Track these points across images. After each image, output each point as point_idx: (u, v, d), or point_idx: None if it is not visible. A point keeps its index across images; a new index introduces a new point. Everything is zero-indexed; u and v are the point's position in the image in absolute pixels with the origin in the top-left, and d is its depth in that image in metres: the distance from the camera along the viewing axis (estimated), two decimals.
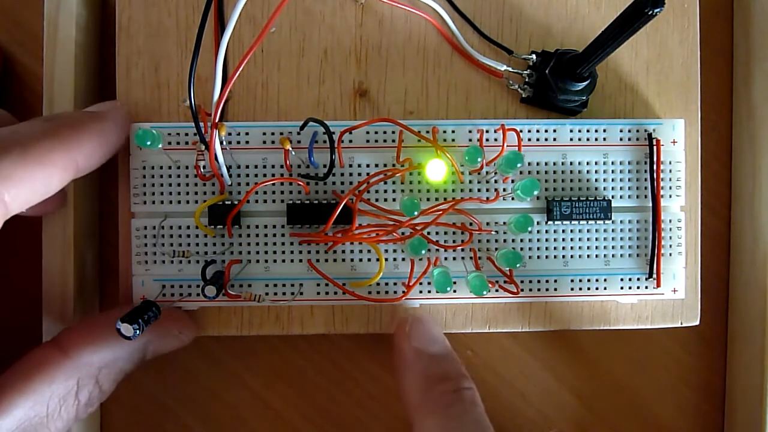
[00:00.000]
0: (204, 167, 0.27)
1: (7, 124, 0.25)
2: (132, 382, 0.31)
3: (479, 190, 0.28)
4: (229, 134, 0.28)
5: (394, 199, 0.28)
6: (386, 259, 0.28)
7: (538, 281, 0.28)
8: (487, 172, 0.28)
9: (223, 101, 0.25)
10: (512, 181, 0.28)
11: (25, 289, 0.30)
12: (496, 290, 0.28)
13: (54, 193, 0.23)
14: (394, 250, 0.28)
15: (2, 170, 0.21)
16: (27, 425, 0.23)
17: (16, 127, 0.23)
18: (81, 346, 0.25)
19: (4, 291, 0.31)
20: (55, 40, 0.28)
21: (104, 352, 0.25)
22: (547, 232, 0.28)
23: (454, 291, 0.28)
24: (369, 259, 0.28)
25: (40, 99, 0.28)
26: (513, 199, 0.28)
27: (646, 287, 0.29)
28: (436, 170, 0.27)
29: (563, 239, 0.28)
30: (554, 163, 0.28)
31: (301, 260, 0.28)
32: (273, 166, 0.28)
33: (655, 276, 0.28)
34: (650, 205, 0.28)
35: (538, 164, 0.28)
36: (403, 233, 0.28)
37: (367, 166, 0.28)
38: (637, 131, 0.28)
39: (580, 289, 0.29)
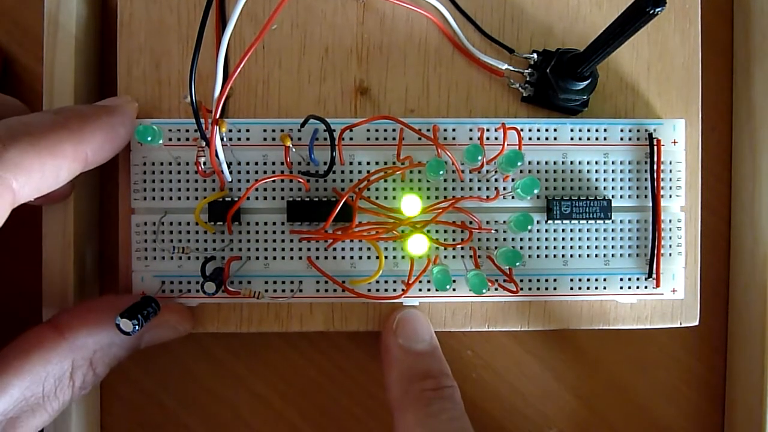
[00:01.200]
0: (204, 164, 0.27)
1: (19, 113, 0.25)
2: (132, 381, 0.31)
3: (479, 189, 0.28)
4: (230, 131, 0.28)
5: (394, 197, 0.28)
6: (386, 257, 0.28)
7: (538, 280, 0.28)
8: (487, 171, 0.28)
9: (223, 98, 0.25)
10: (512, 180, 0.28)
11: (25, 285, 0.30)
12: (496, 289, 0.28)
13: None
14: (394, 248, 0.28)
15: (13, 158, 0.21)
16: (24, 405, 0.23)
17: (26, 117, 0.23)
18: (77, 328, 0.25)
19: (4, 287, 0.31)
20: (55, 40, 0.28)
21: (100, 335, 0.25)
22: (546, 231, 0.28)
23: (454, 289, 0.28)
24: (369, 257, 0.28)
25: (41, 98, 0.28)
26: (513, 197, 0.28)
27: (646, 287, 0.29)
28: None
29: (563, 238, 0.28)
30: (554, 163, 0.28)
31: (300, 257, 0.28)
32: (273, 163, 0.28)
33: (654, 276, 0.28)
34: (650, 205, 0.28)
35: (538, 163, 0.28)
36: (402, 231, 0.28)
37: (368, 163, 0.28)
38: (638, 131, 0.28)
39: (580, 288, 0.28)
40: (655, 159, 0.28)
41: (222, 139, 0.27)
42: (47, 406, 0.24)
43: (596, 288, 0.28)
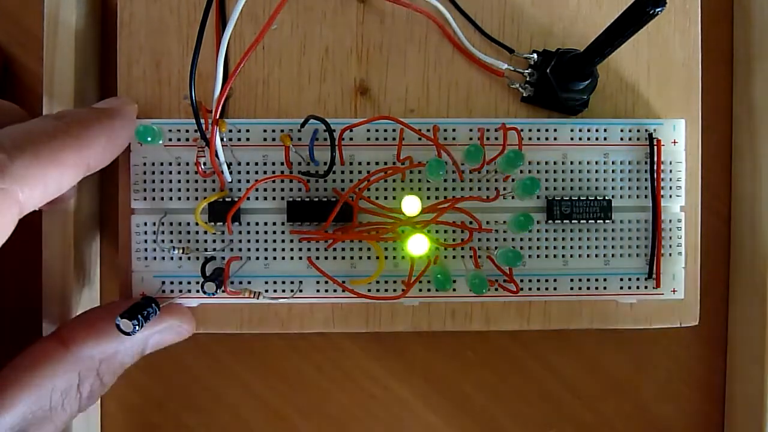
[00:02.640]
0: (204, 164, 0.27)
1: (18, 118, 0.24)
2: (132, 381, 0.31)
3: (479, 189, 0.28)
4: (230, 131, 0.28)
5: (394, 197, 0.28)
6: (386, 257, 0.28)
7: (538, 280, 0.28)
8: (487, 171, 0.28)
9: (223, 98, 0.25)
10: (512, 180, 0.28)
11: (25, 288, 0.30)
12: (496, 289, 0.28)
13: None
14: (394, 248, 0.28)
15: (18, 170, 0.21)
16: (31, 419, 0.23)
17: (28, 124, 0.23)
18: (82, 340, 0.25)
19: (4, 290, 0.31)
20: (55, 40, 0.28)
21: (105, 345, 0.25)
22: (546, 231, 0.28)
23: (454, 290, 0.28)
24: (369, 257, 0.28)
25: (40, 99, 0.28)
26: (513, 198, 0.28)
27: (646, 287, 0.28)
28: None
29: (563, 238, 0.28)
30: (554, 163, 0.28)
31: (300, 258, 0.28)
32: (273, 164, 0.28)
33: (654, 276, 0.28)
34: (650, 205, 0.28)
35: (538, 163, 0.28)
36: (402, 231, 0.27)
37: (368, 164, 0.28)
38: (638, 131, 0.28)
39: (580, 288, 0.28)
40: (655, 159, 0.28)
41: (222, 140, 0.27)
42: (54, 419, 0.24)
43: (596, 288, 0.28)
